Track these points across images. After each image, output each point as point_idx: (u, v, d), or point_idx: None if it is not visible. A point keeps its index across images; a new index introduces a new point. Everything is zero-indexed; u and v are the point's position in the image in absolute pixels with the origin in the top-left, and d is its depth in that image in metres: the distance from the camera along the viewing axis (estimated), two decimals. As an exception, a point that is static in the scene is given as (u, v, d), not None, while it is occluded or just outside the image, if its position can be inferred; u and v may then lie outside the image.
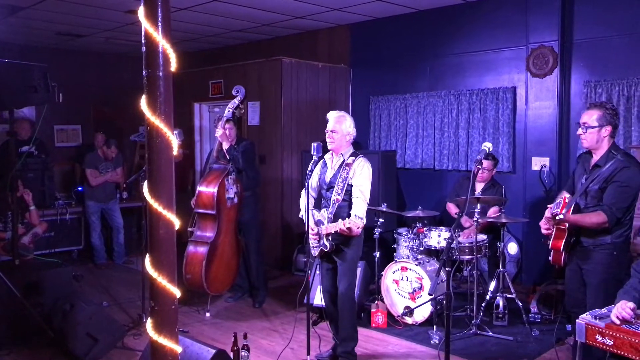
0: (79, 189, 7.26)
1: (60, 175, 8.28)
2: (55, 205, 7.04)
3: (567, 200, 3.11)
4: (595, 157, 3.37)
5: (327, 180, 3.96)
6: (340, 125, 3.91)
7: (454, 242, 4.80)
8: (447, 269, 2.93)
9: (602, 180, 3.25)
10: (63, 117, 8.53)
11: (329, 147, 3.96)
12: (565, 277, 3.62)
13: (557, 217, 3.16)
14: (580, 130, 3.36)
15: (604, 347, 2.55)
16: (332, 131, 3.91)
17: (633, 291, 2.72)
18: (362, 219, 3.68)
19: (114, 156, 7.09)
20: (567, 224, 3.28)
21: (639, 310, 2.63)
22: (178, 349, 1.87)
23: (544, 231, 3.54)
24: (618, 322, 2.56)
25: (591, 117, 3.32)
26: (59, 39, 8.00)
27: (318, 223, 3.87)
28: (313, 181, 4.08)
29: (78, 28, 7.35)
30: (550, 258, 3.49)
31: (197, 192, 4.93)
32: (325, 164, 4.05)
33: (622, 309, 2.57)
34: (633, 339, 2.44)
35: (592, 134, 3.30)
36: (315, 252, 3.94)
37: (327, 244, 3.82)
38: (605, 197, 3.23)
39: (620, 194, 3.20)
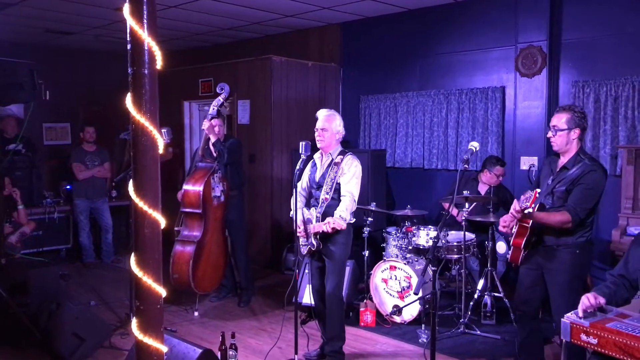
0: (68, 187, 7.20)
1: (50, 174, 8.21)
2: (43, 204, 6.98)
3: (537, 195, 3.14)
4: (563, 160, 3.45)
5: (317, 179, 3.96)
6: (330, 123, 3.90)
7: (440, 240, 4.82)
8: (433, 267, 2.94)
9: (568, 182, 3.34)
10: (52, 115, 8.45)
11: (318, 146, 3.95)
12: (520, 275, 3.68)
13: (525, 211, 3.19)
14: (550, 133, 3.43)
15: (589, 345, 2.57)
16: (322, 129, 3.90)
17: (604, 288, 2.78)
18: (345, 219, 3.68)
19: (95, 138, 7.00)
20: (530, 222, 3.33)
21: (606, 305, 2.68)
22: (163, 348, 1.86)
23: (501, 228, 3.59)
24: (581, 314, 2.60)
25: (560, 120, 3.38)
26: (47, 37, 7.93)
27: (307, 222, 3.87)
28: (303, 181, 4.08)
29: (67, 25, 7.29)
30: (507, 256, 3.56)
31: (183, 191, 4.91)
32: (314, 164, 4.05)
33: (586, 297, 2.63)
34: (617, 338, 2.46)
35: (562, 137, 3.37)
36: (304, 250, 3.94)
37: (314, 242, 3.81)
38: (570, 198, 3.32)
39: (586, 196, 3.28)
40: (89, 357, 4.08)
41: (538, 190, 3.24)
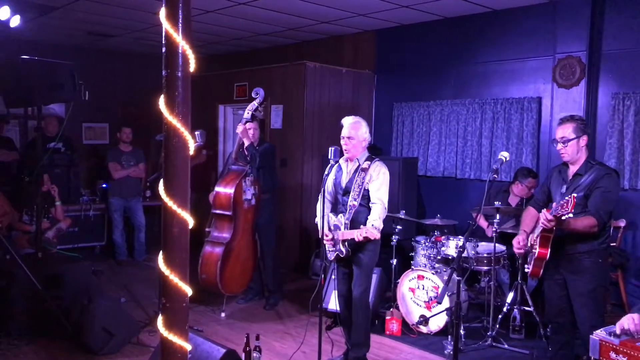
0: (104, 186, 7.39)
1: (87, 172, 8.44)
2: (80, 201, 7.17)
3: (575, 201, 3.10)
4: (574, 168, 3.49)
5: (343, 185, 3.95)
6: (356, 131, 3.89)
7: (467, 251, 4.76)
8: (457, 277, 2.90)
9: (585, 188, 3.37)
10: (91, 115, 8.70)
11: (345, 155, 3.95)
12: (545, 288, 3.66)
13: (564, 217, 3.18)
14: (559, 145, 3.47)
15: (619, 364, 2.50)
16: (348, 137, 3.88)
17: None
18: (378, 228, 3.66)
19: (131, 139, 7.15)
20: (553, 231, 3.32)
21: None
22: (187, 346, 1.89)
23: (517, 250, 3.58)
24: (619, 332, 2.55)
25: (567, 130, 3.44)
26: (89, 39, 8.17)
27: (334, 228, 3.87)
28: (328, 185, 4.06)
29: (109, 28, 7.51)
30: (528, 270, 3.52)
31: (214, 192, 4.98)
32: (340, 169, 4.03)
33: (631, 318, 2.55)
34: (650, 358, 2.38)
35: (572, 146, 3.43)
36: (331, 256, 3.93)
37: (343, 249, 3.80)
38: (591, 203, 3.34)
39: (606, 199, 3.34)
40: (117, 352, 4.17)
41: (575, 195, 3.20)
